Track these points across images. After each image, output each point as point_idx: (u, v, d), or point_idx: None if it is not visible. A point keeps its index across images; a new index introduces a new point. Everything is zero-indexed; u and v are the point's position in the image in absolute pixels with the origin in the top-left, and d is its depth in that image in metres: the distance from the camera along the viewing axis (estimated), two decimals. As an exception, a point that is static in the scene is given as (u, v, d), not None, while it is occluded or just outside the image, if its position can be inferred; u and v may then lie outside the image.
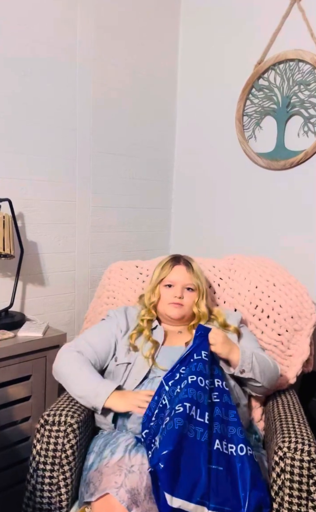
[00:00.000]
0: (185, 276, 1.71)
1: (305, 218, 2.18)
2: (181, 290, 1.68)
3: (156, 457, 1.22)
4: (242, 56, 2.34)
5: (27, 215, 2.10)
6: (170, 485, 1.19)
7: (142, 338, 1.62)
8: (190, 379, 1.37)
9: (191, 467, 1.22)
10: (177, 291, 1.68)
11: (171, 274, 1.71)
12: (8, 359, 1.73)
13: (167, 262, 1.75)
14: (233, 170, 2.47)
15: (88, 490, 1.32)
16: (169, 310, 1.68)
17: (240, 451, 1.29)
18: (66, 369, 1.55)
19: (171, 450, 1.21)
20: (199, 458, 1.24)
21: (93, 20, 2.20)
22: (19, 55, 1.97)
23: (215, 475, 1.24)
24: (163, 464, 1.19)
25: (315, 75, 2.10)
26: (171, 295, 1.68)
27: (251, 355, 1.54)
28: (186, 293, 1.69)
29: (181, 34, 2.66)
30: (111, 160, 2.41)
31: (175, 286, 1.69)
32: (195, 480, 1.21)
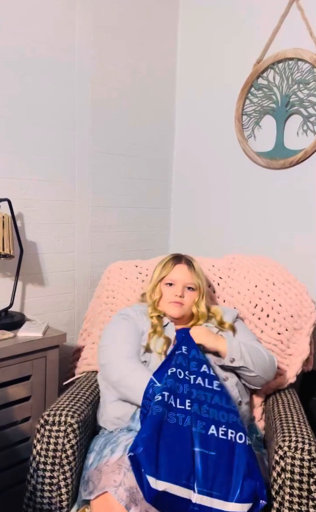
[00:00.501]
0: (186, 275, 1.71)
1: (304, 217, 2.18)
2: (181, 289, 1.69)
3: (135, 441, 1.23)
4: (241, 55, 2.34)
5: (27, 215, 2.10)
6: (152, 467, 1.18)
7: (155, 336, 1.63)
8: (170, 371, 1.41)
9: (174, 450, 1.23)
10: (178, 290, 1.69)
11: (172, 273, 1.72)
12: (8, 359, 1.72)
13: (168, 260, 1.76)
14: (232, 169, 2.47)
15: (87, 488, 1.32)
16: (170, 309, 1.68)
17: (238, 439, 1.29)
18: (137, 381, 1.48)
19: (149, 434, 1.23)
20: (181, 442, 1.25)
21: (92, 20, 2.20)
22: (18, 55, 1.97)
23: (203, 459, 1.23)
24: (142, 447, 1.20)
25: (314, 74, 2.09)
26: (172, 293, 1.69)
27: (238, 344, 1.56)
28: (186, 292, 1.70)
29: (180, 34, 2.66)
30: (110, 160, 2.41)
31: (175, 285, 1.70)
32: (179, 462, 1.21)
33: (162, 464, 1.19)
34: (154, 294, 1.72)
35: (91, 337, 1.98)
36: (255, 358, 1.57)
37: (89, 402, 1.56)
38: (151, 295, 1.73)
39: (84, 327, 2.09)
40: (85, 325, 2.09)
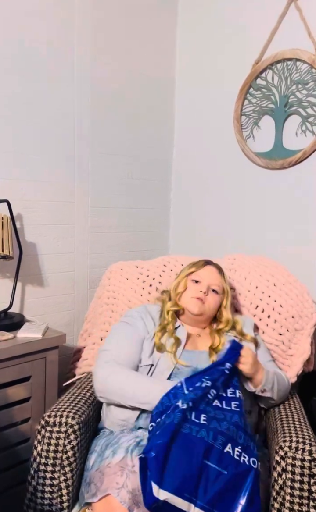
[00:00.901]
0: (214, 276, 1.72)
1: (304, 217, 2.18)
2: (206, 288, 1.68)
3: (150, 445, 1.22)
4: (240, 56, 2.34)
5: (26, 216, 2.10)
6: (158, 475, 1.16)
7: (165, 335, 1.62)
8: (203, 384, 1.37)
9: (182, 461, 1.20)
10: (203, 286, 1.68)
11: (201, 271, 1.72)
12: (7, 360, 1.72)
13: (200, 260, 1.78)
14: (231, 169, 2.47)
15: (90, 490, 1.32)
16: (191, 304, 1.66)
17: (252, 463, 1.25)
18: (114, 384, 1.49)
19: (165, 441, 1.21)
20: (192, 453, 1.21)
21: (91, 21, 2.20)
22: (17, 55, 1.97)
23: (215, 476, 1.20)
24: (154, 452, 1.18)
25: (312, 74, 2.10)
26: (196, 289, 1.68)
27: (273, 376, 1.56)
28: (210, 293, 1.68)
29: (179, 34, 2.66)
30: (110, 160, 2.41)
31: (201, 282, 1.69)
32: (186, 474, 1.18)
33: (169, 473, 1.17)
34: (179, 287, 1.71)
35: (92, 337, 1.98)
36: (281, 387, 1.59)
37: (90, 403, 1.56)
38: (176, 288, 1.72)
39: (85, 328, 2.09)
40: (86, 326, 2.09)
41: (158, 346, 1.59)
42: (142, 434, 1.45)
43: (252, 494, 1.21)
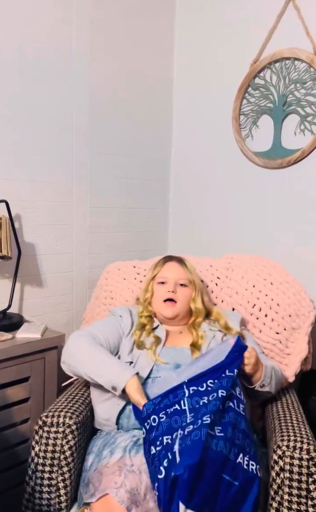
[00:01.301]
0: (178, 271, 1.71)
1: (302, 216, 2.18)
2: (173, 285, 1.68)
3: (182, 466, 1.15)
4: (238, 55, 2.34)
5: (24, 216, 2.10)
6: (188, 496, 1.14)
7: (144, 334, 1.62)
8: (220, 393, 1.32)
9: (208, 478, 1.17)
10: (170, 286, 1.68)
11: (163, 271, 1.72)
12: (6, 361, 1.72)
13: (159, 260, 1.77)
14: (230, 169, 2.47)
15: (88, 490, 1.31)
16: (162, 309, 1.67)
17: (257, 472, 1.24)
18: (83, 349, 1.52)
19: (196, 461, 1.15)
20: (212, 469, 1.18)
21: (90, 21, 2.20)
22: (16, 55, 1.97)
23: (228, 488, 1.18)
24: (187, 474, 1.14)
25: (311, 73, 2.10)
26: (164, 291, 1.67)
27: (271, 370, 1.55)
28: (179, 289, 1.69)
29: (177, 34, 2.66)
30: (108, 160, 2.41)
31: (167, 282, 1.69)
32: (210, 492, 1.16)
33: (197, 494, 1.15)
34: (147, 293, 1.72)
35: (90, 338, 1.97)
36: (277, 380, 1.59)
37: (87, 403, 1.56)
38: (144, 295, 1.73)
39: (83, 328, 2.08)
40: (83, 326, 2.08)
41: (137, 343, 1.59)
42: (138, 433, 1.45)
43: (256, 501, 1.21)
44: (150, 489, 1.25)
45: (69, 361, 1.53)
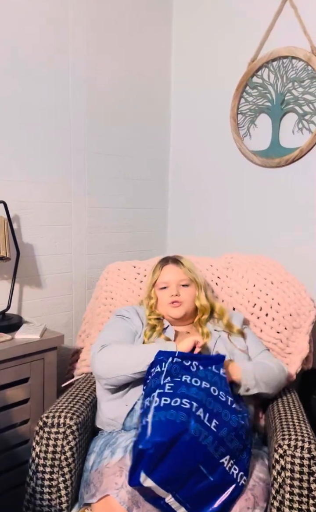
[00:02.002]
0: (177, 272, 1.71)
1: (301, 215, 2.18)
2: (176, 288, 1.68)
3: (150, 441, 1.21)
4: (235, 54, 2.34)
5: (23, 217, 2.09)
6: (150, 468, 1.20)
7: (154, 335, 1.61)
8: (204, 385, 1.36)
9: (179, 462, 1.22)
10: (172, 289, 1.68)
11: (162, 275, 1.72)
12: (5, 362, 1.72)
13: (156, 265, 1.77)
14: (228, 168, 2.46)
15: (89, 491, 1.31)
16: (169, 311, 1.68)
17: (239, 478, 1.28)
18: (113, 357, 1.50)
19: (165, 441, 1.21)
20: (190, 458, 1.23)
21: (86, 20, 2.20)
22: (12, 56, 1.96)
23: (200, 476, 1.24)
24: (153, 451, 1.20)
25: (308, 72, 2.09)
26: (167, 295, 1.68)
27: (252, 372, 1.52)
28: (182, 289, 1.69)
29: (174, 33, 2.65)
30: (106, 160, 2.40)
31: (169, 286, 1.70)
32: (176, 473, 1.22)
33: (161, 469, 1.21)
34: (151, 300, 1.72)
35: (90, 338, 1.97)
36: (268, 379, 1.56)
37: (88, 403, 1.56)
38: (148, 301, 1.73)
39: (83, 329, 2.08)
40: (83, 327, 2.08)
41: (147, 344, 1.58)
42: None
43: (227, 504, 1.25)
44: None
45: (108, 375, 1.49)
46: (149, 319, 1.68)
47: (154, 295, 1.72)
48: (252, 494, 1.30)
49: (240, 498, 1.27)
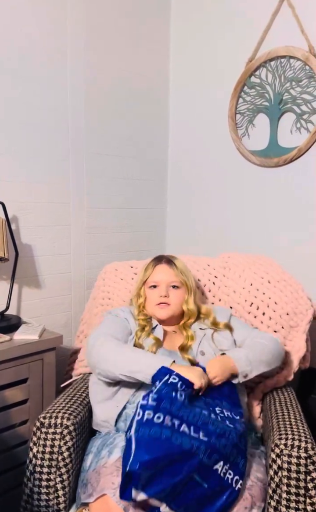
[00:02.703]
0: (169, 273, 1.68)
1: (299, 214, 2.18)
2: (165, 289, 1.66)
3: (137, 461, 1.18)
4: (233, 54, 2.34)
5: (21, 217, 2.10)
6: (141, 485, 1.18)
7: (144, 335, 1.60)
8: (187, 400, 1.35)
9: (171, 473, 1.20)
10: (162, 290, 1.66)
11: (153, 274, 1.69)
12: (4, 363, 1.72)
13: (149, 263, 1.73)
14: (226, 168, 2.46)
15: (86, 490, 1.32)
16: (156, 311, 1.66)
17: (234, 483, 1.28)
18: (113, 351, 1.48)
19: (152, 458, 1.18)
20: (183, 467, 1.21)
21: (84, 20, 2.20)
22: (10, 57, 1.97)
23: (193, 484, 1.22)
24: (140, 470, 1.17)
25: (306, 71, 2.09)
26: (156, 295, 1.66)
27: (245, 356, 1.51)
28: (171, 291, 1.67)
29: (172, 34, 2.65)
30: (105, 160, 2.40)
31: (159, 286, 1.67)
32: (169, 483, 1.20)
33: (153, 485, 1.19)
34: (140, 298, 1.70)
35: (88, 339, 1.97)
36: (264, 356, 1.55)
37: (85, 404, 1.56)
38: (137, 299, 1.71)
39: (81, 329, 2.08)
40: (81, 327, 2.09)
41: (137, 345, 1.57)
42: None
43: (223, 510, 1.24)
44: None
45: (103, 366, 1.47)
46: (139, 319, 1.66)
47: (144, 293, 1.69)
48: (250, 494, 1.30)
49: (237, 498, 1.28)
